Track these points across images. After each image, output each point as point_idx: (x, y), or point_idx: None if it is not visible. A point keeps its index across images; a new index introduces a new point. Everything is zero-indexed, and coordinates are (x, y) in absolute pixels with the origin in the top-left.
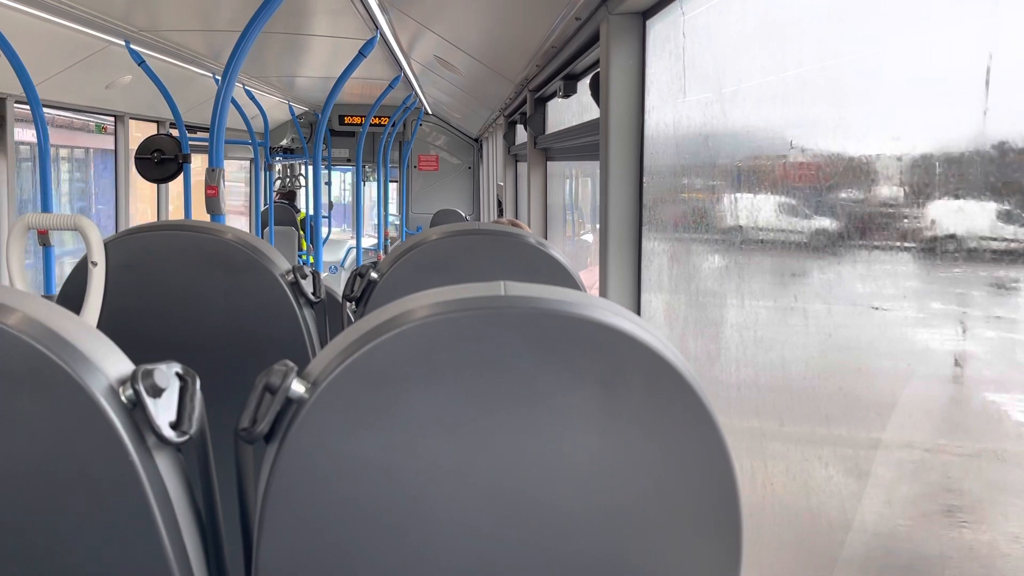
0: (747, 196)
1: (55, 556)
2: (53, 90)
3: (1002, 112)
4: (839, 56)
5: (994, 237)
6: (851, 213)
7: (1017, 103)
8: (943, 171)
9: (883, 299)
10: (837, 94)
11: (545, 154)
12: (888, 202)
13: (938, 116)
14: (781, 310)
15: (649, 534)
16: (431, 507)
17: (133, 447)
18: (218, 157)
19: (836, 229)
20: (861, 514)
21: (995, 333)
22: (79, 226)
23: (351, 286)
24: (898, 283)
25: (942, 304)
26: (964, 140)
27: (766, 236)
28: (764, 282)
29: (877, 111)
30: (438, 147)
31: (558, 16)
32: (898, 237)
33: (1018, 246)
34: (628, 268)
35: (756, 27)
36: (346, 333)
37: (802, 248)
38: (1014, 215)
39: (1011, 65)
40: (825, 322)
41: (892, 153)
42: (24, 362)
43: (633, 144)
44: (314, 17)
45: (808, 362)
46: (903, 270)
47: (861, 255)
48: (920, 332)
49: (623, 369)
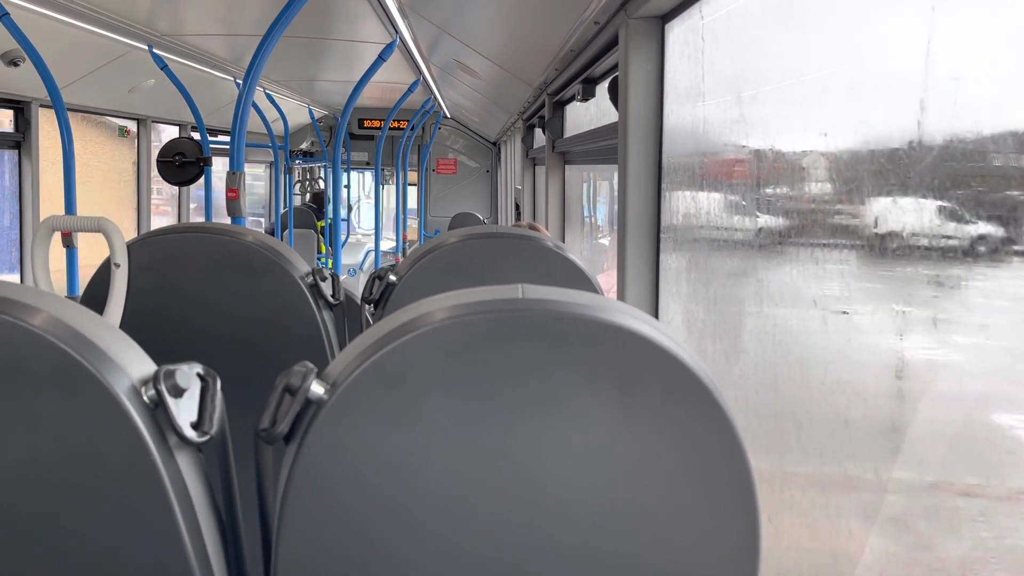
0: (767, 194)
1: (77, 553)
2: (77, 94)
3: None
4: (861, 55)
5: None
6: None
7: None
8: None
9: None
10: (856, 93)
11: (563, 157)
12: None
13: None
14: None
15: (667, 538)
16: (448, 508)
17: (155, 446)
18: (239, 160)
19: (868, 234)
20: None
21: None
22: (103, 228)
23: (370, 288)
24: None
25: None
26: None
27: (785, 239)
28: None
29: (895, 112)
30: (456, 150)
31: (577, 20)
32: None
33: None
34: (646, 271)
35: (777, 30)
36: (365, 335)
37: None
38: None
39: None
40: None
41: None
42: (48, 361)
43: (652, 147)
44: (334, 21)
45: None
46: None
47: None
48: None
49: (641, 373)
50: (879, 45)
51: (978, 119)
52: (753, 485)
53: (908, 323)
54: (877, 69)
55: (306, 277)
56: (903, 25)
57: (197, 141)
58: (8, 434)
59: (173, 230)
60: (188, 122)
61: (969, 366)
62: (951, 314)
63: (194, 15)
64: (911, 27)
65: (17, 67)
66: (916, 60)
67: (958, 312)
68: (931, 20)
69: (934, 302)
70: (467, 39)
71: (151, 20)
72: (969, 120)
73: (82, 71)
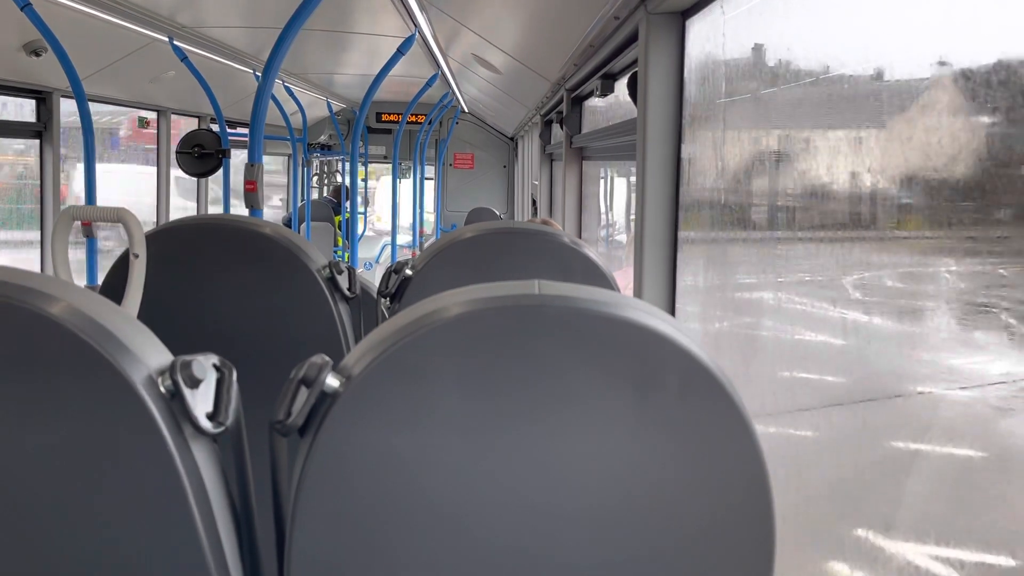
0: (788, 194)
1: (93, 541)
2: (98, 85)
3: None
4: (887, 56)
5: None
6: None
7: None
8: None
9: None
10: (884, 96)
11: (580, 153)
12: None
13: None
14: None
15: (680, 537)
16: (461, 503)
17: (170, 436)
18: (257, 152)
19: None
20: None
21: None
22: (122, 218)
23: (386, 282)
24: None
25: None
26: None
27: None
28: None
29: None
30: (474, 145)
31: (597, 15)
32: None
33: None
34: (663, 269)
35: (799, 27)
36: (380, 329)
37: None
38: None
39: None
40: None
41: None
42: (67, 350)
43: (671, 144)
44: (354, 15)
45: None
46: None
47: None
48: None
49: (657, 370)
50: (905, 44)
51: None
52: (768, 484)
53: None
54: (902, 68)
55: (323, 270)
56: (927, 27)
57: (216, 133)
58: (25, 422)
59: (192, 221)
60: (208, 114)
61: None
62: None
63: (215, 7)
64: (936, 30)
65: (39, 57)
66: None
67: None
68: (951, 30)
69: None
70: (486, 33)
71: (173, 12)
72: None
73: (103, 62)
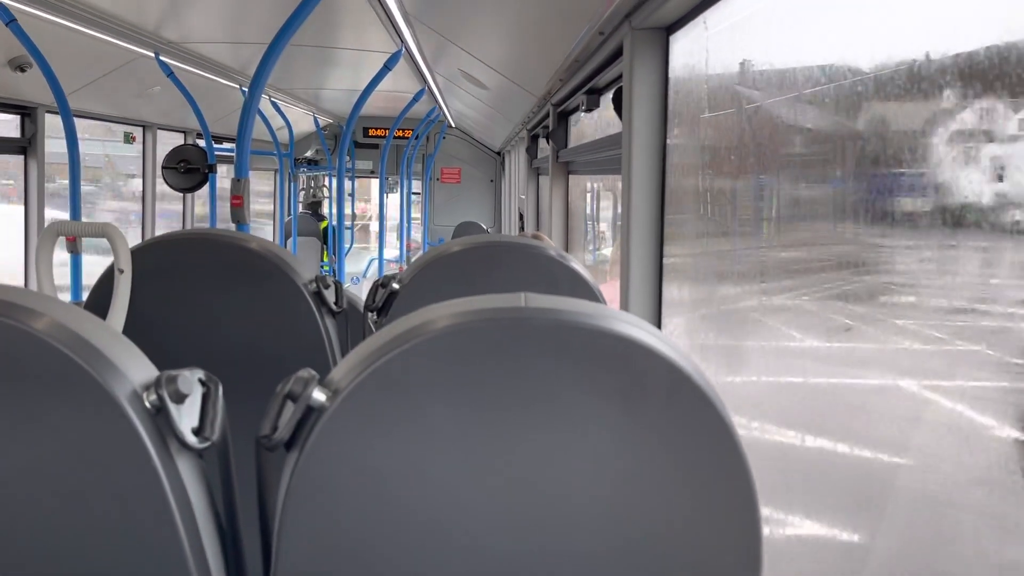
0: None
1: (76, 557)
2: (84, 100)
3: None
4: (869, 70)
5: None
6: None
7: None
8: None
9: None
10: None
11: (567, 168)
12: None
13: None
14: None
15: (668, 546)
16: (450, 517)
17: (156, 452)
18: (243, 167)
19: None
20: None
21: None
22: (107, 233)
23: (373, 296)
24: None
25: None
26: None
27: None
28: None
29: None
30: (461, 160)
31: (581, 31)
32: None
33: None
34: (649, 281)
35: (779, 42)
36: (367, 342)
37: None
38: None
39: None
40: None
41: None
42: (51, 366)
43: (655, 158)
44: (340, 30)
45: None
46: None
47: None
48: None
49: (643, 382)
50: (885, 56)
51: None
52: (754, 493)
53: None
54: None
55: (309, 284)
56: (909, 37)
57: (202, 148)
58: (9, 438)
59: (177, 236)
60: (194, 129)
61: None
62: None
63: (201, 23)
64: (919, 43)
65: (24, 72)
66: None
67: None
68: (927, 51)
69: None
70: (472, 49)
71: (158, 28)
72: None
73: (89, 77)
